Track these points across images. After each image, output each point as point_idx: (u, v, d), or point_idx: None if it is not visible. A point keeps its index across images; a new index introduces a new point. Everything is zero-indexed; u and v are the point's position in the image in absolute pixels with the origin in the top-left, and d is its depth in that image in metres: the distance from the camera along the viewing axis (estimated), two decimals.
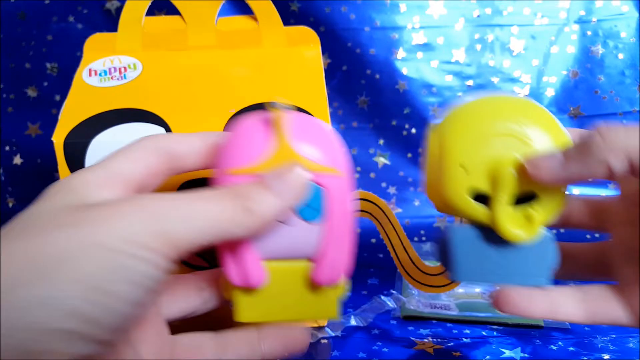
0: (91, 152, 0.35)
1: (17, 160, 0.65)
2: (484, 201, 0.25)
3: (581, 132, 0.26)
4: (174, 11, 0.42)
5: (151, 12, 0.41)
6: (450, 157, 0.24)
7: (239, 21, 0.43)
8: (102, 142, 0.35)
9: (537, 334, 0.42)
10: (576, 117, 0.65)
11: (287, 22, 0.43)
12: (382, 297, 0.47)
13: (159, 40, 0.41)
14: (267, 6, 0.41)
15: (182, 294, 0.25)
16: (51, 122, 0.36)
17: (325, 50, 0.61)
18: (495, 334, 0.42)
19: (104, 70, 0.39)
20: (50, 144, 0.34)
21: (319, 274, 0.24)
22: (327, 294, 0.24)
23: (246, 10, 0.43)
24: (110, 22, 0.62)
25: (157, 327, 0.24)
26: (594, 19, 0.63)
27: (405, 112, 0.65)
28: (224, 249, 0.23)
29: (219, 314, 0.26)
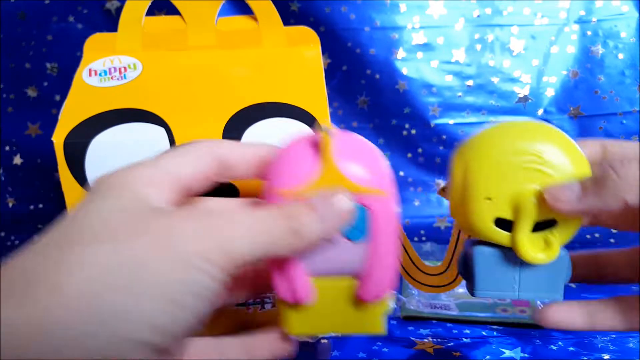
0: (91, 152, 0.35)
1: (17, 160, 0.64)
2: (507, 225, 0.26)
3: (598, 145, 0.27)
4: (174, 11, 0.42)
5: (151, 12, 0.41)
6: (475, 188, 0.26)
7: (239, 21, 0.43)
8: (102, 142, 0.35)
9: (537, 334, 0.42)
10: (576, 117, 0.65)
11: (287, 22, 0.43)
12: None
13: (159, 40, 0.41)
14: (267, 6, 0.41)
15: None
16: (51, 122, 0.36)
17: (325, 50, 0.61)
18: (495, 334, 0.42)
19: (104, 70, 0.39)
20: (50, 144, 0.34)
21: (364, 291, 0.25)
22: (372, 310, 0.25)
23: (246, 10, 0.43)
24: (110, 22, 0.62)
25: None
26: (594, 19, 0.63)
27: (405, 112, 0.65)
28: (273, 265, 0.24)
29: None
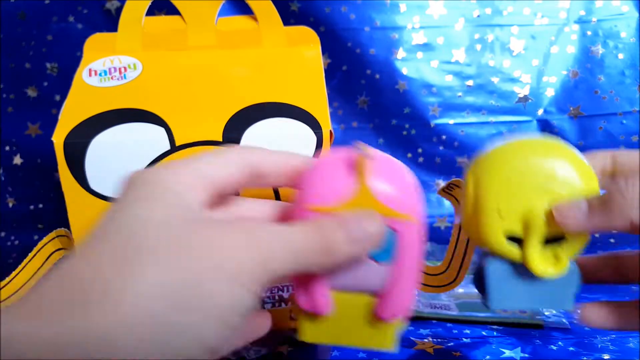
0: (91, 152, 0.35)
1: (17, 160, 0.64)
2: (517, 240, 0.27)
3: (609, 157, 0.28)
4: (174, 11, 0.42)
5: (151, 12, 0.41)
6: (486, 204, 0.27)
7: (239, 21, 0.43)
8: (102, 142, 0.35)
9: (537, 334, 0.42)
10: (576, 117, 0.65)
11: (287, 22, 0.43)
12: None
13: (159, 40, 0.41)
14: (267, 6, 0.41)
15: None
16: (51, 122, 0.36)
17: (325, 50, 0.61)
18: (495, 334, 0.42)
19: (104, 70, 0.39)
20: (50, 144, 0.34)
21: (382, 310, 0.25)
22: (386, 327, 0.26)
23: (246, 10, 0.43)
24: (110, 22, 0.62)
25: None
26: (594, 19, 0.63)
27: (405, 112, 0.65)
28: (297, 276, 0.24)
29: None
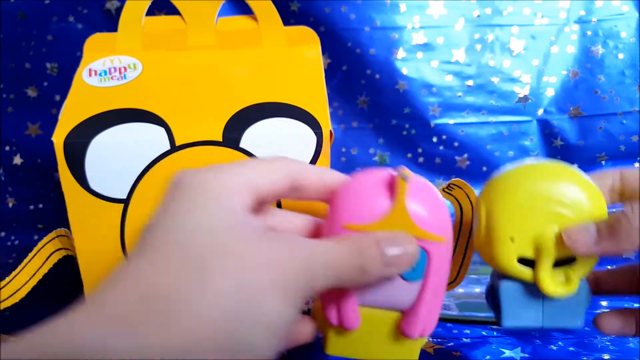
0: (91, 152, 0.35)
1: (17, 160, 0.64)
2: (529, 262, 0.28)
3: (617, 174, 0.29)
4: (174, 11, 0.42)
5: (151, 12, 0.41)
6: (498, 230, 0.28)
7: (239, 21, 0.43)
8: (102, 142, 0.35)
9: (537, 334, 0.42)
10: (576, 117, 0.65)
11: (287, 22, 0.43)
12: None
13: (159, 40, 0.41)
14: (267, 6, 0.41)
15: None
16: (51, 122, 0.36)
17: (325, 50, 0.61)
18: (495, 334, 0.42)
19: (104, 70, 0.39)
20: (50, 144, 0.34)
21: (409, 327, 0.25)
22: (410, 343, 0.26)
23: (246, 10, 0.43)
24: (110, 22, 0.62)
25: None
26: (594, 19, 0.63)
27: (405, 112, 0.65)
28: (328, 291, 0.24)
29: None
